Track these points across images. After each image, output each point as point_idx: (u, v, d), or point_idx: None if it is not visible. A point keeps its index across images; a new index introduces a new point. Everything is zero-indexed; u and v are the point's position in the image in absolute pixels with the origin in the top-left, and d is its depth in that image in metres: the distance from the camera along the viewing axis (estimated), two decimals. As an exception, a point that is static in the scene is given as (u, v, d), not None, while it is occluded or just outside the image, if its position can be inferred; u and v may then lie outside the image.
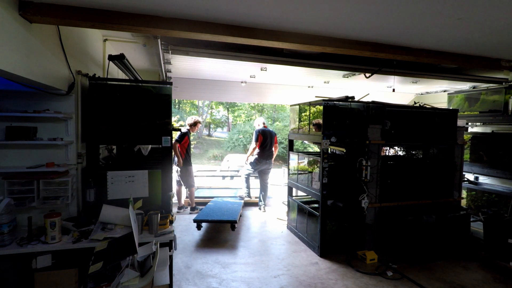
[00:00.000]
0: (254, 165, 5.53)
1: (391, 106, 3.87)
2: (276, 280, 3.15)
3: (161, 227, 2.44)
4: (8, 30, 1.69)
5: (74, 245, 2.15)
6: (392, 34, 2.50)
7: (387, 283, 3.10)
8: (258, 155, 5.47)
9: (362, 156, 3.62)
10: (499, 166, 4.36)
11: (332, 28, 2.40)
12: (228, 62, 3.96)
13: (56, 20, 1.98)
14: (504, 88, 4.52)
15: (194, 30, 2.20)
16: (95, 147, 2.68)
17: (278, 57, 3.65)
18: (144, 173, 2.70)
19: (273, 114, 20.50)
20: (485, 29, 2.34)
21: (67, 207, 2.51)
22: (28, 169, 2.28)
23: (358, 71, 4.17)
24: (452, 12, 2.04)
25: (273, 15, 2.12)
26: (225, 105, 21.94)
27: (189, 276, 3.19)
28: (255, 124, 5.81)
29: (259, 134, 5.44)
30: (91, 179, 2.61)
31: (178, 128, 3.19)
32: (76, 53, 2.63)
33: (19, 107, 2.34)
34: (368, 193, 3.62)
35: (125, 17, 2.06)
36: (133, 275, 1.90)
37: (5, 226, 2.07)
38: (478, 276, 3.28)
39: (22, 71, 1.77)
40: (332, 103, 3.74)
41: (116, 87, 2.76)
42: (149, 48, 3.58)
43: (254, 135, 5.55)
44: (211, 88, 5.82)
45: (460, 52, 3.04)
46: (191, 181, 5.35)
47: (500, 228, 3.58)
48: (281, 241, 4.22)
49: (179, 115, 17.19)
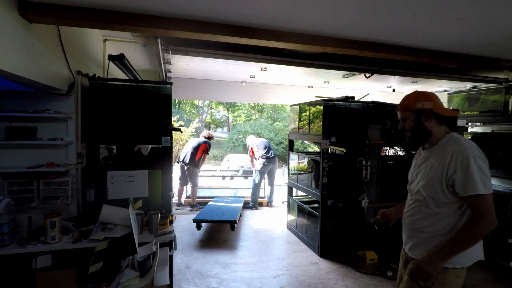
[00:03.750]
0: (261, 169, 5.77)
1: (391, 106, 3.87)
2: (276, 280, 3.15)
3: (161, 227, 2.44)
4: (8, 30, 1.68)
5: (74, 245, 2.15)
6: (392, 34, 2.50)
7: (387, 283, 3.10)
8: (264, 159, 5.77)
9: (362, 156, 3.62)
10: (499, 166, 4.36)
11: (332, 28, 2.40)
12: (228, 62, 3.96)
13: (56, 20, 1.98)
14: (504, 88, 4.51)
15: (194, 30, 2.20)
16: (95, 147, 2.68)
17: (278, 57, 3.65)
18: (144, 173, 2.70)
19: (273, 114, 20.50)
20: (485, 29, 2.34)
21: (67, 207, 2.51)
22: (28, 169, 2.28)
23: (358, 71, 4.17)
24: (452, 12, 2.04)
25: (273, 15, 2.12)
26: (225, 105, 21.95)
27: (189, 276, 3.19)
28: (250, 142, 6.19)
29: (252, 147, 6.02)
30: (91, 179, 2.60)
31: (178, 128, 3.19)
32: (76, 53, 2.63)
33: (19, 107, 2.33)
34: (368, 193, 3.62)
35: (125, 17, 2.06)
36: (133, 275, 1.90)
37: (5, 226, 2.07)
38: (478, 276, 3.28)
39: (22, 71, 1.77)
40: (332, 103, 3.75)
41: (116, 87, 2.76)
42: (149, 48, 3.58)
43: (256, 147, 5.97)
44: (211, 88, 5.83)
45: (460, 52, 3.04)
46: (197, 180, 5.71)
47: (500, 228, 3.58)
48: (281, 241, 4.22)
49: (179, 115, 17.18)
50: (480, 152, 1.41)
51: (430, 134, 1.55)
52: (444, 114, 1.52)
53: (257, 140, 6.05)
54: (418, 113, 1.54)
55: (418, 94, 1.56)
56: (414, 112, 1.55)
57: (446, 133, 1.54)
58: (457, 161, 1.39)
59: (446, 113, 1.53)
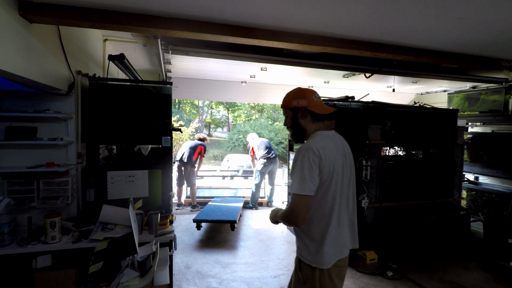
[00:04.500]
0: (262, 170, 5.77)
1: (391, 106, 3.87)
2: (276, 280, 3.15)
3: (161, 227, 2.44)
4: (8, 30, 1.68)
5: (74, 245, 2.15)
6: (392, 34, 2.50)
7: (387, 283, 3.10)
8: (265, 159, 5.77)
9: (362, 156, 3.62)
10: (499, 166, 4.36)
11: (332, 28, 2.40)
12: (228, 62, 3.96)
13: (56, 20, 1.98)
14: (504, 88, 4.52)
15: (194, 30, 2.20)
16: (95, 147, 2.68)
17: (278, 57, 3.65)
18: (144, 173, 2.70)
19: (273, 114, 20.49)
20: (485, 29, 2.34)
21: (67, 207, 2.51)
22: (28, 169, 2.28)
23: (358, 71, 4.16)
24: (452, 12, 2.04)
25: (273, 15, 2.12)
26: (225, 105, 21.94)
27: (189, 276, 3.19)
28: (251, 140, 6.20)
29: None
30: (91, 179, 2.60)
31: (178, 128, 3.19)
32: (76, 53, 2.63)
33: (19, 107, 2.33)
34: (368, 193, 3.61)
35: (125, 17, 2.06)
36: (133, 275, 1.90)
37: (5, 226, 2.07)
38: (478, 276, 3.28)
39: (22, 71, 1.77)
40: (332, 103, 3.74)
41: (116, 87, 2.76)
42: (149, 48, 3.58)
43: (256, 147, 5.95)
44: (211, 88, 5.82)
45: (460, 52, 3.04)
46: (194, 180, 5.69)
47: (500, 228, 3.58)
48: (281, 241, 4.22)
49: (179, 115, 17.18)
50: (313, 153, 1.41)
51: (305, 131, 1.57)
52: (317, 111, 1.54)
53: (258, 140, 6.05)
54: (294, 111, 1.57)
55: (296, 92, 1.58)
56: (291, 109, 1.58)
57: (315, 131, 1.56)
58: (294, 159, 1.48)
59: (319, 110, 1.54)
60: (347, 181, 1.55)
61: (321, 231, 1.46)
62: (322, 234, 1.46)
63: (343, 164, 1.53)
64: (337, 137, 1.61)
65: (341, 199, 1.51)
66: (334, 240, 1.46)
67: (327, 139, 1.51)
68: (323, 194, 1.45)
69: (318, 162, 1.40)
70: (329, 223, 1.46)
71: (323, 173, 1.42)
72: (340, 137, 1.64)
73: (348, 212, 1.56)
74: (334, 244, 1.47)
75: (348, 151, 1.62)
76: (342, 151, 1.55)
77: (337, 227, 1.48)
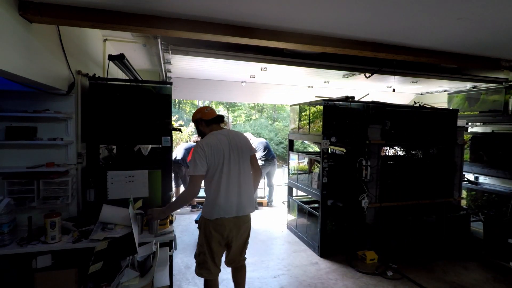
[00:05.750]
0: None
1: (391, 106, 3.87)
2: (276, 280, 3.15)
3: (161, 227, 2.44)
4: (8, 30, 1.68)
5: (74, 245, 2.15)
6: (392, 34, 2.50)
7: (387, 283, 3.10)
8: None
9: (362, 156, 3.62)
10: (499, 166, 4.36)
11: (332, 28, 2.40)
12: (228, 62, 3.96)
13: (56, 20, 1.98)
14: (504, 88, 4.52)
15: (194, 30, 2.20)
16: (95, 147, 2.67)
17: (278, 57, 3.65)
18: (144, 173, 2.70)
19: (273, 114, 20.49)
20: (485, 29, 2.34)
21: (67, 207, 2.51)
22: (28, 169, 2.28)
23: (358, 71, 4.17)
24: (452, 12, 2.04)
25: (273, 15, 2.12)
26: (225, 105, 21.93)
27: (189, 276, 3.19)
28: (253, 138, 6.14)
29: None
30: (91, 179, 2.60)
31: (178, 128, 3.19)
32: (76, 53, 2.63)
33: (19, 107, 2.33)
34: (368, 193, 3.62)
35: (125, 17, 2.06)
36: (133, 275, 1.90)
37: (5, 226, 2.07)
38: (478, 276, 3.28)
39: (22, 71, 1.77)
40: (332, 103, 3.75)
41: (116, 87, 2.76)
42: (149, 48, 3.58)
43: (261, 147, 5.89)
44: (211, 88, 5.82)
45: (460, 52, 3.04)
46: None
47: (500, 228, 3.58)
48: (281, 241, 4.22)
49: (179, 115, 17.17)
50: (200, 148, 2.10)
51: (204, 134, 2.29)
52: (206, 118, 2.28)
53: (255, 140, 5.97)
54: (197, 122, 2.34)
55: (197, 110, 2.34)
56: (195, 121, 2.35)
57: (210, 131, 2.26)
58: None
59: (207, 117, 2.28)
60: (236, 162, 2.17)
61: (213, 197, 2.13)
62: (213, 198, 2.12)
63: (230, 151, 2.15)
64: (224, 133, 2.22)
65: (229, 176, 2.14)
66: (222, 204, 2.11)
67: (213, 137, 2.18)
68: (213, 173, 2.12)
69: (203, 153, 2.09)
70: (218, 192, 2.11)
71: (208, 160, 2.09)
72: (231, 132, 2.26)
73: (239, 185, 2.17)
74: (221, 206, 2.11)
75: (236, 142, 2.21)
76: (226, 142, 2.16)
77: (225, 196, 2.12)
